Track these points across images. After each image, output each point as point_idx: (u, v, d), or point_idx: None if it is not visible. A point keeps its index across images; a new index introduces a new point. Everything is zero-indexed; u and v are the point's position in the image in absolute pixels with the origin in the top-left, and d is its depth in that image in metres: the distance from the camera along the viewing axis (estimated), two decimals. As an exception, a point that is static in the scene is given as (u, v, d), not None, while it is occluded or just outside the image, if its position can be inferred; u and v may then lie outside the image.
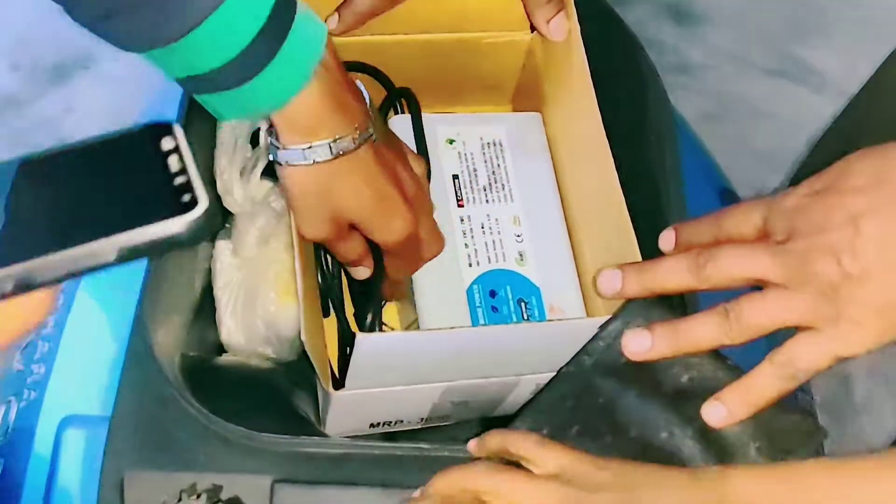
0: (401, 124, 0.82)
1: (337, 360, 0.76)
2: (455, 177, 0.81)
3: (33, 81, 1.83)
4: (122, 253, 0.45)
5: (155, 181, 0.47)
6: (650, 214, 0.74)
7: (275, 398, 0.69)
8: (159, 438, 0.59)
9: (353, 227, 0.67)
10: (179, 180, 0.47)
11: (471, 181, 0.81)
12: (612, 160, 0.72)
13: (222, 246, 0.76)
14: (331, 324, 0.78)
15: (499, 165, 0.82)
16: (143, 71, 0.96)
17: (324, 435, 0.68)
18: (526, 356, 0.70)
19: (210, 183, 0.78)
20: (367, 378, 0.67)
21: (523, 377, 0.72)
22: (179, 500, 0.55)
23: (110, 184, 0.48)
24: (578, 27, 0.77)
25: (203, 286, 0.76)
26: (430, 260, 0.74)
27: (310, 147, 0.61)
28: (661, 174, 0.74)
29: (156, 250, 0.45)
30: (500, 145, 0.83)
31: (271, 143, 0.63)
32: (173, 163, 0.48)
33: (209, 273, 0.76)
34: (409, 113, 0.84)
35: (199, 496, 0.55)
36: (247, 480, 0.57)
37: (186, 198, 0.46)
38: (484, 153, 0.83)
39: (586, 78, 0.75)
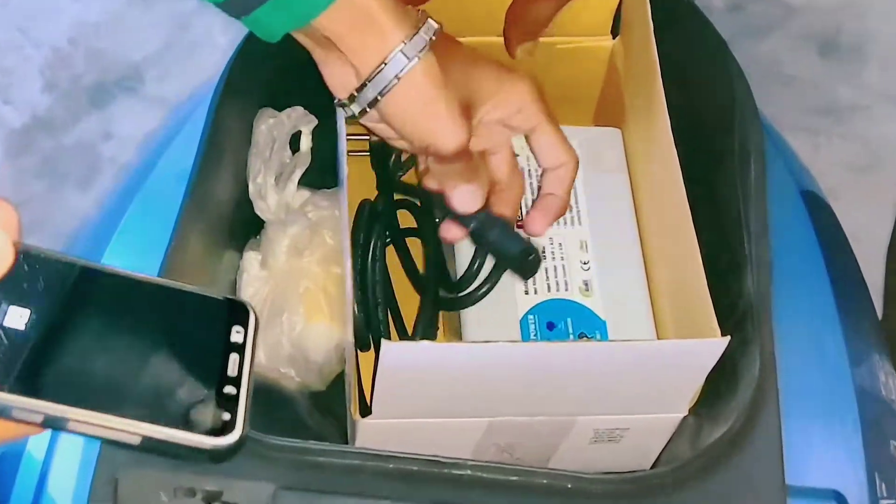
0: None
1: (370, 392, 0.84)
2: (516, 195, 0.89)
3: (70, 102, 1.96)
4: (135, 440, 0.47)
5: (206, 377, 0.49)
6: (728, 238, 0.81)
7: (292, 413, 0.77)
8: (158, 437, 0.68)
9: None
10: (229, 390, 0.49)
11: (534, 200, 0.89)
12: (683, 189, 0.80)
13: (250, 257, 0.86)
14: (368, 360, 0.86)
15: (567, 184, 0.90)
16: (189, 90, 1.06)
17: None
18: (584, 388, 0.76)
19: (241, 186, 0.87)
20: (397, 402, 0.74)
21: (580, 418, 0.79)
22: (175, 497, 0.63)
23: (163, 352, 0.49)
24: (653, 37, 0.85)
25: (226, 298, 0.85)
26: None
27: (405, 45, 0.70)
28: (744, 190, 0.82)
29: (169, 451, 0.47)
30: (570, 162, 0.91)
31: (361, 93, 0.72)
32: (232, 364, 0.50)
33: (234, 285, 0.85)
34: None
35: (195, 498, 0.63)
36: (248, 486, 0.65)
37: (226, 416, 0.48)
38: None
39: (659, 92, 0.83)
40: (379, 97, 0.72)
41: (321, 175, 0.92)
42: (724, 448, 0.73)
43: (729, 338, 0.71)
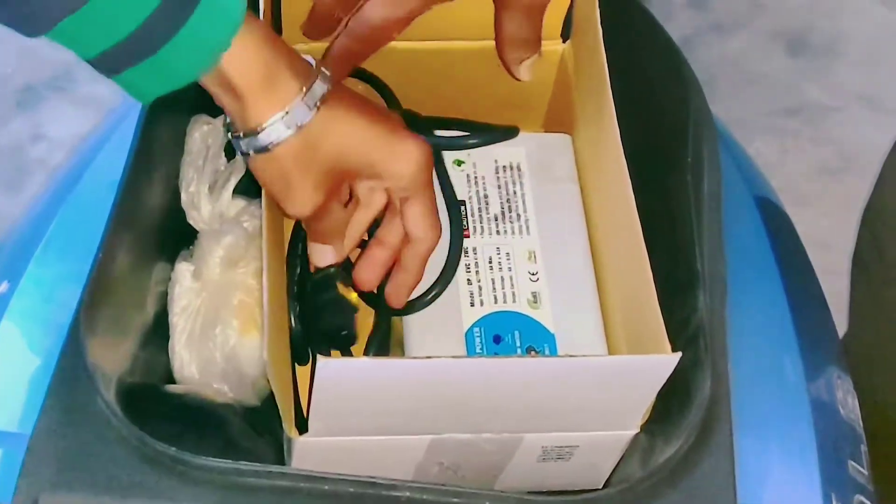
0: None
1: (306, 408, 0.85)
2: (461, 203, 0.90)
3: (-3, 103, 1.94)
4: None
5: None
6: (682, 252, 0.82)
7: (223, 432, 0.78)
8: (82, 458, 0.69)
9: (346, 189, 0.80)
10: None
11: (480, 209, 0.90)
12: (632, 200, 0.81)
13: (182, 269, 0.86)
14: (306, 374, 0.87)
15: (515, 192, 0.91)
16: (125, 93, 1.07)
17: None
18: (532, 405, 0.77)
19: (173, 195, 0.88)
20: (334, 419, 0.75)
21: (527, 435, 0.79)
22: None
23: None
24: (602, 41, 0.86)
25: (157, 311, 0.86)
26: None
27: (286, 113, 0.72)
28: (697, 202, 0.83)
29: None
30: (518, 169, 0.93)
31: (241, 139, 0.74)
32: None
33: (166, 297, 0.86)
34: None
35: (119, 521, 0.64)
36: (177, 509, 0.66)
37: None
38: (498, 178, 0.92)
39: (608, 98, 0.84)
40: (263, 150, 0.74)
41: (257, 183, 0.92)
42: (673, 467, 0.74)
43: (679, 354, 0.72)
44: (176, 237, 0.89)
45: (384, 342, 0.87)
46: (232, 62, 0.70)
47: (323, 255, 0.83)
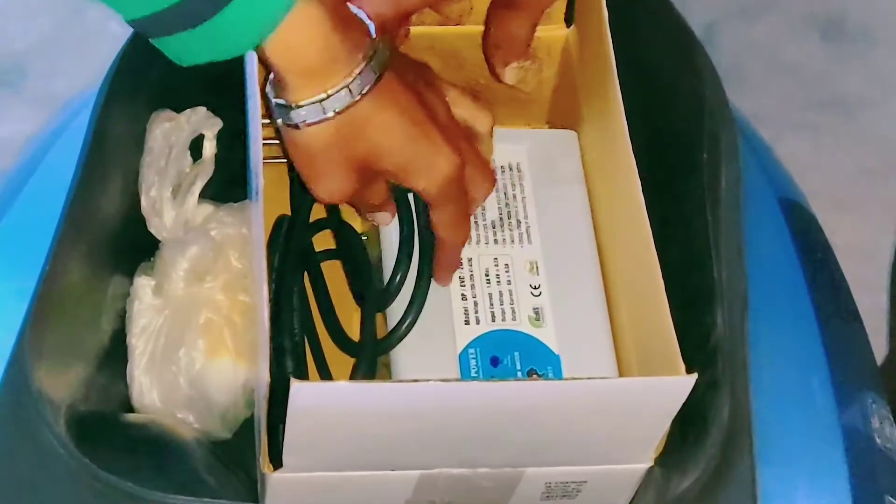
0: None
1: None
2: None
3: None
4: None
5: None
6: (697, 262, 0.82)
7: (187, 466, 0.78)
8: (27, 494, 0.69)
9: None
10: None
11: (475, 215, 0.90)
12: (642, 203, 0.81)
13: (143, 283, 0.86)
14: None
15: (514, 196, 0.91)
16: (82, 87, 1.07)
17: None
18: (534, 435, 0.76)
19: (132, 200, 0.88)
20: (312, 452, 0.75)
21: (529, 470, 0.79)
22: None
23: None
24: (607, 25, 0.86)
25: (114, 330, 0.86)
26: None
27: (327, 96, 0.74)
28: (713, 204, 0.83)
29: None
30: (519, 170, 0.92)
31: (277, 105, 0.76)
32: None
33: (123, 315, 0.86)
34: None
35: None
36: (131, 551, 0.66)
37: None
38: (496, 179, 0.91)
39: (615, 90, 0.84)
40: (292, 125, 0.76)
41: (226, 187, 0.92)
42: (691, 503, 0.74)
43: (695, 376, 0.71)
44: (135, 247, 0.89)
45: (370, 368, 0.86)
46: (276, 47, 0.72)
47: (380, 218, 0.87)
